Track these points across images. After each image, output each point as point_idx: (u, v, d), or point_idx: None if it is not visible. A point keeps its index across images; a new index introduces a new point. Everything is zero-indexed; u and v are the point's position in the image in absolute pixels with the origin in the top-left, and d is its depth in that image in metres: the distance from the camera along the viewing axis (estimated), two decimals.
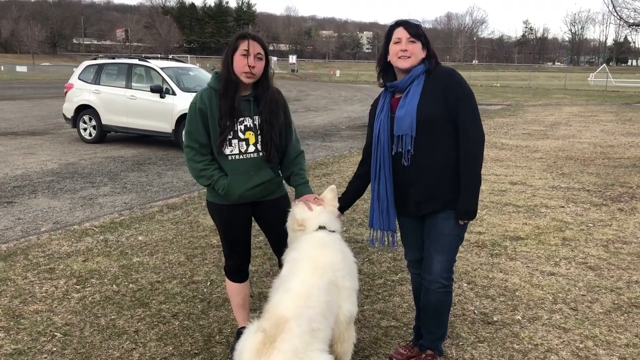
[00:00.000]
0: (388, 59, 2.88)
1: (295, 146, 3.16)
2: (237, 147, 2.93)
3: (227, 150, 2.94)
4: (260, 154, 2.98)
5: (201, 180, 3.00)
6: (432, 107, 2.75)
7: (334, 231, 2.97)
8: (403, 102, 2.80)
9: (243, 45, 2.84)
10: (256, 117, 2.96)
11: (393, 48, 2.82)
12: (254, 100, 2.96)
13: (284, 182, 3.21)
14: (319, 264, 2.70)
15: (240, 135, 2.93)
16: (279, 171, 3.17)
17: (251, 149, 2.96)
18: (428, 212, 2.89)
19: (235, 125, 2.91)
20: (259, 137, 2.96)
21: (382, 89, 2.99)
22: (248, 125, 2.94)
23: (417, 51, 2.80)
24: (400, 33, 2.80)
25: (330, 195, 3.08)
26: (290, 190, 3.20)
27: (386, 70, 2.94)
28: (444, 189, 2.82)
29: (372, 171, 2.96)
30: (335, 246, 2.86)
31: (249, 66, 2.84)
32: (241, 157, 2.95)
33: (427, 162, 2.80)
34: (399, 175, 2.88)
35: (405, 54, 2.78)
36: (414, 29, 2.79)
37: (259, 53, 2.87)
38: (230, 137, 2.91)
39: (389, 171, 2.89)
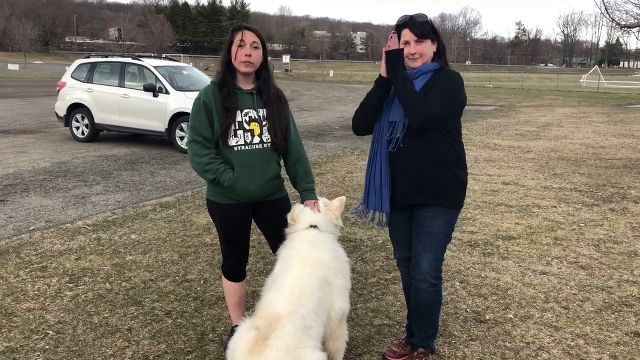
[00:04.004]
0: None
1: (298, 148, 3.16)
2: (242, 137, 2.95)
3: (233, 142, 2.95)
4: (265, 145, 3.00)
5: (207, 174, 2.97)
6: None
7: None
8: None
9: (238, 36, 2.91)
10: (260, 110, 3.00)
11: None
12: (257, 93, 3.02)
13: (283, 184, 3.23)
14: (310, 261, 2.72)
15: (245, 126, 2.96)
16: (280, 171, 3.18)
17: (256, 139, 2.98)
18: (414, 203, 2.89)
19: (240, 116, 2.95)
20: (264, 128, 2.99)
21: None
22: (252, 117, 2.98)
23: (426, 50, 2.82)
24: (407, 35, 2.81)
25: (337, 203, 3.09)
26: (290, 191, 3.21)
27: None
28: (432, 181, 2.84)
29: (370, 152, 2.99)
30: (325, 245, 2.88)
31: (246, 55, 2.90)
32: (247, 147, 2.97)
33: (418, 153, 2.82)
34: (391, 162, 2.90)
35: (415, 57, 2.81)
36: (420, 29, 2.79)
37: (254, 42, 2.93)
38: (236, 127, 2.94)
39: (385, 154, 2.89)
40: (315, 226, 2.95)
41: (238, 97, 2.97)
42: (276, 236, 3.09)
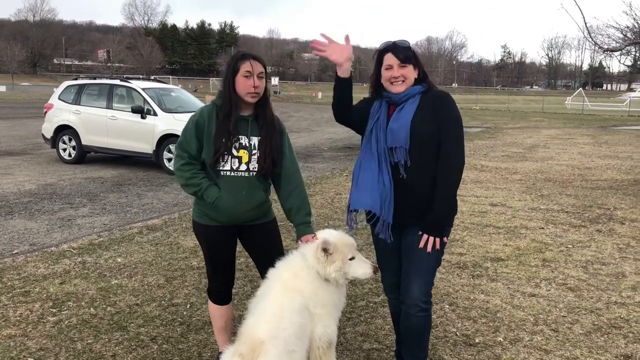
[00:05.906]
0: (381, 81, 2.90)
1: (295, 177, 3.08)
2: (229, 163, 2.93)
3: (220, 166, 2.93)
4: (252, 173, 2.97)
5: (188, 188, 2.97)
6: (425, 123, 2.77)
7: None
8: (397, 115, 2.83)
9: (245, 67, 2.87)
10: (252, 137, 2.97)
11: (385, 74, 2.86)
12: (254, 120, 2.99)
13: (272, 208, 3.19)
14: (290, 286, 2.69)
15: (234, 152, 2.93)
16: (269, 196, 3.14)
17: (243, 167, 2.95)
18: (405, 223, 2.88)
19: (231, 143, 2.92)
20: (253, 157, 2.96)
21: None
22: (243, 144, 2.95)
23: (409, 74, 2.84)
24: (391, 59, 2.83)
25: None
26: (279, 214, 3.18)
27: (378, 91, 2.96)
28: (424, 199, 2.82)
29: (370, 161, 2.91)
30: (306, 277, 2.78)
31: (254, 87, 2.87)
32: (232, 174, 2.94)
33: (416, 175, 2.81)
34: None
35: (398, 80, 2.82)
36: (404, 53, 2.81)
37: (260, 72, 2.91)
38: (225, 153, 2.91)
39: (389, 171, 2.85)
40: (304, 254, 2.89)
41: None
42: (264, 261, 3.04)
